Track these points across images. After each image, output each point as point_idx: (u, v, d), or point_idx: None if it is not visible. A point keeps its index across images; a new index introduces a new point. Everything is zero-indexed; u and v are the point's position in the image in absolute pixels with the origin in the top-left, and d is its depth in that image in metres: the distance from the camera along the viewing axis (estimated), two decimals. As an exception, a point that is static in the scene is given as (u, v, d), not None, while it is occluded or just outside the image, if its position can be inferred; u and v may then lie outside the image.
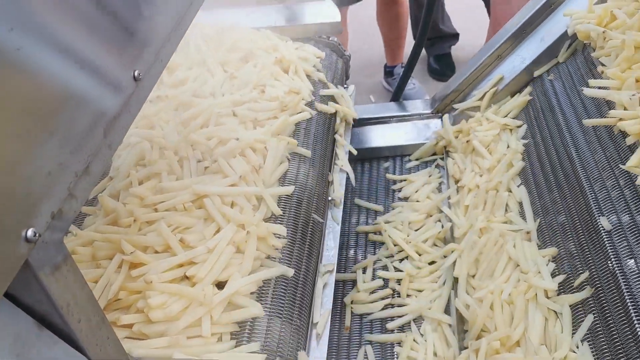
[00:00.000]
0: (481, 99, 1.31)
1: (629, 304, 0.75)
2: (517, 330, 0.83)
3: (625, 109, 0.89)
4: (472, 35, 2.68)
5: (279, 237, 0.86)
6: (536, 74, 1.23)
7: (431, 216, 1.17)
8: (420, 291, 1.03)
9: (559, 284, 0.88)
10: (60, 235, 0.45)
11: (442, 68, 2.57)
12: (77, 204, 0.46)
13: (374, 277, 1.07)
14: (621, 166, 0.87)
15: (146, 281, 0.72)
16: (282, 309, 0.81)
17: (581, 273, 0.85)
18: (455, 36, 2.70)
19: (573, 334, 0.82)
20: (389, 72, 2.45)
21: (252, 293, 0.79)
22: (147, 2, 0.59)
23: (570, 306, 0.84)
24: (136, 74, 0.57)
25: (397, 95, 1.48)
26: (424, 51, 2.52)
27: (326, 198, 1.07)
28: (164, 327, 0.70)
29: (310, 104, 1.11)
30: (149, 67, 0.59)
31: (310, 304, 0.88)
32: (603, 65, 1.00)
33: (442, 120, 1.37)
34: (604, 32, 1.02)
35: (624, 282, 0.77)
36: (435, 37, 2.53)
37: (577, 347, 0.79)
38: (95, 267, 0.76)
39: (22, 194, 0.41)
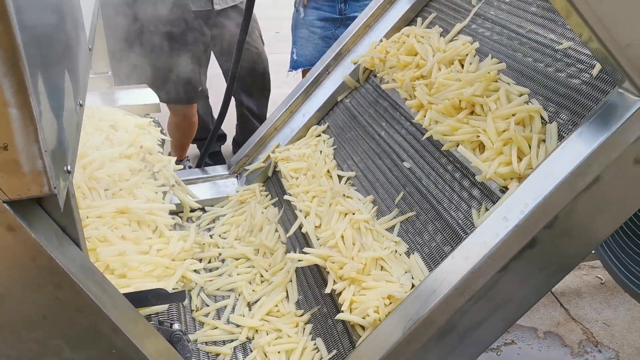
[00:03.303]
0: (264, 161, 1.79)
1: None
2: (356, 252, 1.17)
3: (408, 97, 1.40)
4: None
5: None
6: (339, 99, 1.71)
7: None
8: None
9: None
10: (72, 175, 0.75)
11: (215, 163, 3.07)
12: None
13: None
14: (412, 121, 1.35)
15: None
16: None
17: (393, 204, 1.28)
18: (223, 137, 3.25)
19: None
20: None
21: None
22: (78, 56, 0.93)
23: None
24: (80, 102, 0.89)
25: (200, 163, 1.88)
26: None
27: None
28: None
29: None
30: (83, 98, 0.92)
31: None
32: (386, 82, 1.51)
33: (237, 178, 1.81)
34: (384, 57, 1.55)
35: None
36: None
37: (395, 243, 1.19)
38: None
39: (65, 140, 0.71)
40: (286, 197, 1.52)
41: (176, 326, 1.03)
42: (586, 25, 0.82)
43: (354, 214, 1.29)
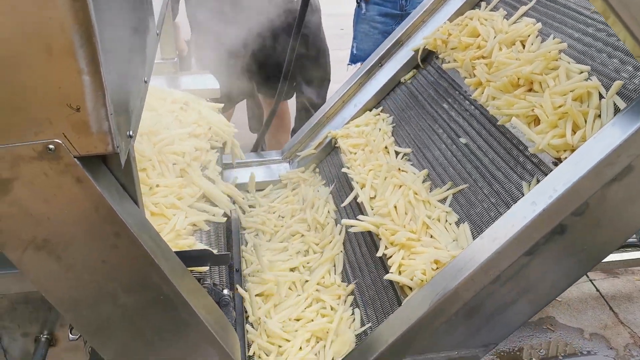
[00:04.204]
0: (315, 148, 1.86)
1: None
2: (407, 221, 1.25)
3: (467, 76, 1.44)
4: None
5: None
6: (401, 80, 1.77)
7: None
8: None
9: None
10: (133, 139, 0.85)
11: None
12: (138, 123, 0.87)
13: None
14: (469, 99, 1.41)
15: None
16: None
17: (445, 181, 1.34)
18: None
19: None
20: None
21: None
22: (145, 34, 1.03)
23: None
24: (145, 79, 0.99)
25: (256, 148, 1.99)
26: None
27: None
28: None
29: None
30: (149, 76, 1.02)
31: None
32: (447, 62, 1.56)
33: (289, 164, 1.90)
34: (446, 38, 1.59)
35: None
36: None
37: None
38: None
39: (129, 109, 0.81)
40: (344, 169, 1.61)
41: (226, 292, 1.13)
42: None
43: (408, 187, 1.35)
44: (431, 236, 1.22)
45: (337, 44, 4.23)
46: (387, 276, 1.18)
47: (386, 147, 1.60)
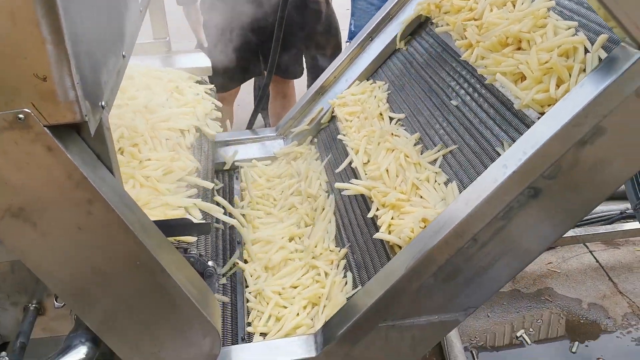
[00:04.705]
0: (309, 123, 1.88)
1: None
2: (399, 183, 1.29)
3: (459, 39, 1.45)
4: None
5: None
6: (398, 46, 1.78)
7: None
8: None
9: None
10: (109, 110, 0.87)
11: None
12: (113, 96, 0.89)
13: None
14: (459, 60, 1.42)
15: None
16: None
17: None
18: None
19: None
20: None
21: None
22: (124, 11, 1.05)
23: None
24: (124, 54, 1.02)
25: (250, 125, 2.00)
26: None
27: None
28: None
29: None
30: (127, 50, 1.04)
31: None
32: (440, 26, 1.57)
33: (284, 140, 1.92)
34: (439, 2, 1.60)
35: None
36: None
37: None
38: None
39: (101, 80, 0.83)
40: (339, 136, 1.64)
41: (210, 263, 1.15)
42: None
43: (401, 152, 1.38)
44: (421, 197, 1.26)
45: (344, 24, 4.22)
46: (377, 235, 1.22)
47: (381, 114, 1.63)
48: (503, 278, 1.11)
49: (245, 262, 1.47)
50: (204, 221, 1.12)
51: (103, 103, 0.84)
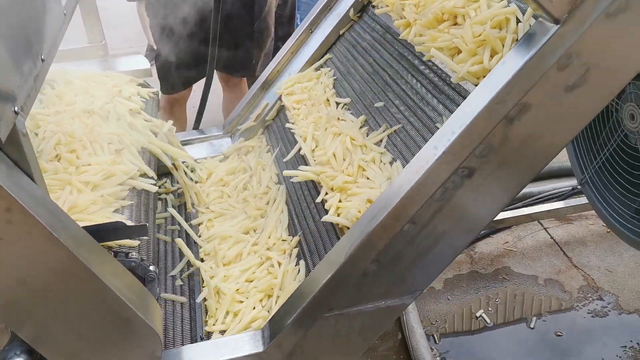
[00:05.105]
0: (255, 119, 1.87)
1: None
2: (346, 166, 1.31)
3: (398, 19, 1.45)
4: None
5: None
6: (341, 32, 1.79)
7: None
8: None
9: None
10: (26, 116, 0.84)
11: None
12: (31, 101, 0.87)
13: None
14: (399, 39, 1.44)
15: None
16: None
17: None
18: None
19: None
20: None
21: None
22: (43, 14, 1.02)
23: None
24: (42, 57, 0.99)
25: (197, 124, 1.98)
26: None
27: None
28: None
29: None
30: (48, 55, 1.01)
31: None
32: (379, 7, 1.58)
33: (231, 138, 1.90)
34: None
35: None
36: None
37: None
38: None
39: (14, 85, 0.81)
40: (288, 125, 1.65)
41: (152, 268, 1.13)
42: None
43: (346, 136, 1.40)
44: (367, 178, 1.28)
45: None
46: (325, 218, 1.23)
47: (327, 100, 1.64)
48: (447, 258, 1.12)
49: (202, 260, 1.45)
50: (139, 223, 1.10)
51: (16, 108, 0.82)
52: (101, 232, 0.95)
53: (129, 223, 1.09)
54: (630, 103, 1.57)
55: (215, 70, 2.78)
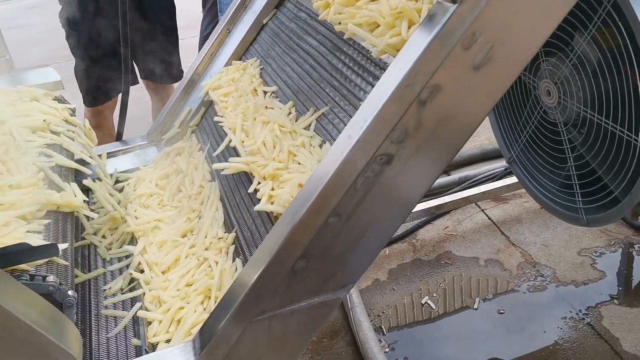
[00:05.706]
0: (179, 126, 1.82)
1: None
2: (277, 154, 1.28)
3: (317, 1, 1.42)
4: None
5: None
6: (264, 21, 1.76)
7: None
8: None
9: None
10: None
11: None
12: None
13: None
14: (318, 20, 1.43)
15: None
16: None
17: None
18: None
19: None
20: None
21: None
22: None
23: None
24: None
25: (119, 136, 1.91)
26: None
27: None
28: None
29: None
30: None
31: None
32: None
33: (157, 147, 1.84)
34: None
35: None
36: None
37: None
38: None
39: None
40: (216, 118, 1.61)
41: (70, 292, 1.06)
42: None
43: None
44: (298, 163, 1.26)
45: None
46: (257, 207, 1.21)
47: (255, 89, 1.62)
48: (375, 248, 1.10)
49: (142, 272, 1.39)
50: (45, 242, 1.04)
51: None
52: (3, 256, 0.89)
53: (42, 243, 1.03)
54: (545, 80, 1.61)
55: (141, 79, 2.72)
